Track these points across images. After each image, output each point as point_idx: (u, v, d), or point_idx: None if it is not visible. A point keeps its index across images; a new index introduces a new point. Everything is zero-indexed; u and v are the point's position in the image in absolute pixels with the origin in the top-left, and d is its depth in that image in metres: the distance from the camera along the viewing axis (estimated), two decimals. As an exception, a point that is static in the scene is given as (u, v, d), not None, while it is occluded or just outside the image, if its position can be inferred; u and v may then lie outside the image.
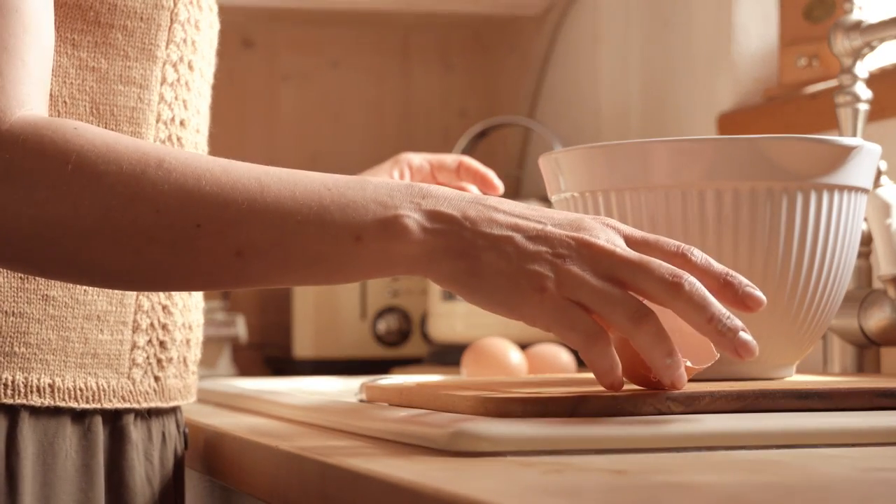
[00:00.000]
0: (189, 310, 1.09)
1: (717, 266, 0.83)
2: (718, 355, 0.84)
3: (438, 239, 0.83)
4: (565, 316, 0.82)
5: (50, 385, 0.99)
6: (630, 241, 0.84)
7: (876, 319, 1.22)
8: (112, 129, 0.99)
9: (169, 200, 0.83)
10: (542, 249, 0.83)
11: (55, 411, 1.00)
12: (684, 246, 0.83)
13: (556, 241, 0.83)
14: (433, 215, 0.83)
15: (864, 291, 1.24)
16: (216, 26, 1.15)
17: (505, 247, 0.83)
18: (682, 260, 0.82)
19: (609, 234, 0.83)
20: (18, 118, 0.85)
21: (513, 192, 2.36)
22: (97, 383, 1.02)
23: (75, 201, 0.83)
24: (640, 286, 0.81)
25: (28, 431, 0.99)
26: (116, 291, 1.02)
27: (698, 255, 0.83)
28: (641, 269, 0.81)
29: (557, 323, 0.82)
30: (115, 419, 1.04)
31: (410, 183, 0.85)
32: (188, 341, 1.10)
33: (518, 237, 0.83)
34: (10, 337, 0.98)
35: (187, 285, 0.88)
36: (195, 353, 1.12)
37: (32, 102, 0.87)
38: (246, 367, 2.31)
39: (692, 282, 0.80)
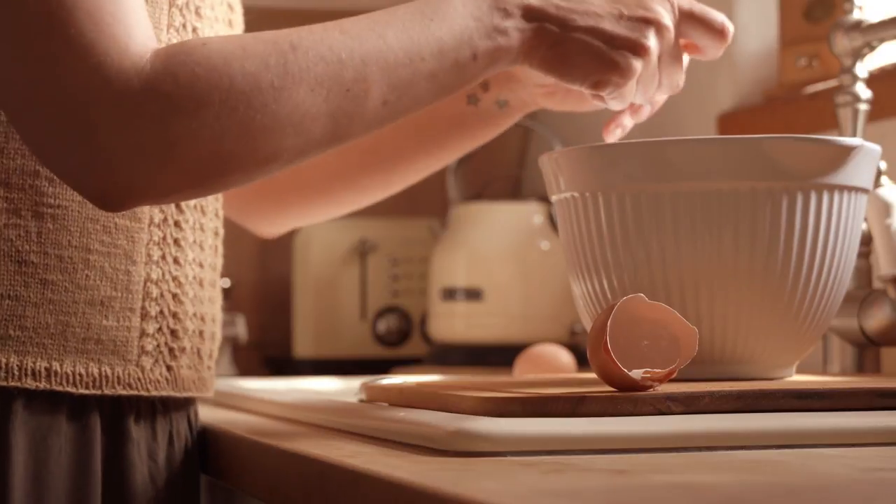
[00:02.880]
0: (201, 301, 1.09)
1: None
2: (689, 359, 0.85)
3: (535, 37, 0.95)
4: (626, 93, 0.99)
5: (46, 369, 0.99)
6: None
7: (876, 319, 1.22)
8: None
9: (317, 77, 0.89)
10: (626, 33, 0.96)
11: (49, 404, 1.00)
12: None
13: (637, 27, 0.97)
14: (527, 14, 0.95)
15: (864, 291, 1.24)
16: (238, 25, 1.15)
17: (589, 36, 0.96)
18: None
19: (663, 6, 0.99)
20: (152, 57, 0.88)
21: (513, 192, 2.36)
22: (100, 370, 1.01)
23: (242, 109, 0.88)
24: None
25: (20, 425, 0.98)
26: (120, 278, 1.02)
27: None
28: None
29: (616, 95, 0.99)
30: (113, 417, 1.04)
31: None
32: (201, 333, 1.09)
33: (604, 24, 0.96)
34: (5, 320, 0.98)
35: (347, 143, 0.95)
36: (209, 347, 1.11)
37: (152, 41, 0.90)
38: (246, 367, 2.31)
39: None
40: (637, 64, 0.97)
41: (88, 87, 0.86)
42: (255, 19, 1.32)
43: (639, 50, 0.97)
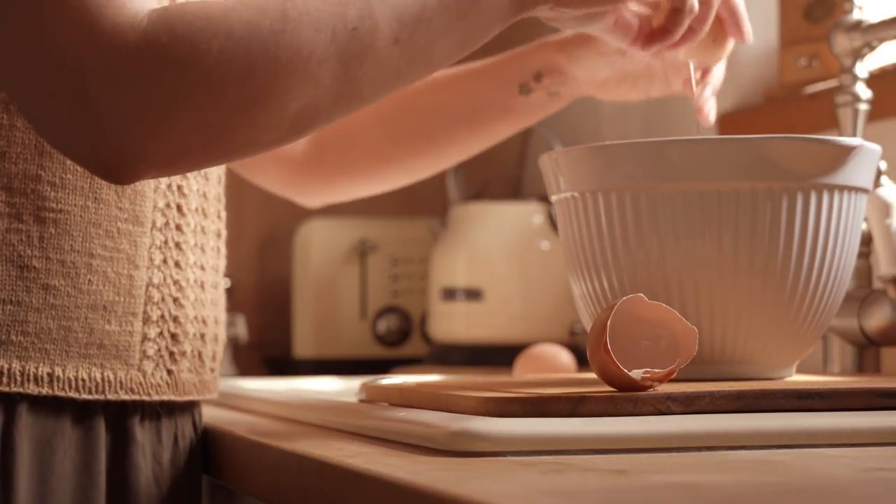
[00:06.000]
0: (203, 304, 1.09)
1: None
2: (689, 359, 0.85)
3: None
4: None
5: (49, 374, 0.98)
6: None
7: (876, 319, 1.22)
8: None
9: (319, 17, 0.86)
10: None
11: (54, 408, 1.00)
12: None
13: None
14: None
15: (864, 291, 1.24)
16: None
17: None
18: None
19: None
20: (149, 12, 0.85)
21: (513, 192, 2.36)
22: (102, 374, 1.01)
23: (241, 56, 0.85)
24: None
25: (24, 428, 0.98)
26: (123, 282, 1.01)
27: None
28: None
29: None
30: (118, 419, 1.04)
31: None
32: (202, 336, 1.09)
33: None
34: (7, 325, 0.97)
35: (363, 100, 0.90)
36: (211, 349, 1.11)
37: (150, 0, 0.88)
38: (246, 367, 2.31)
39: None
40: None
41: (83, 47, 0.84)
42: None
43: None
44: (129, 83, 0.84)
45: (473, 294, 2.00)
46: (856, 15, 1.27)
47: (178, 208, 1.06)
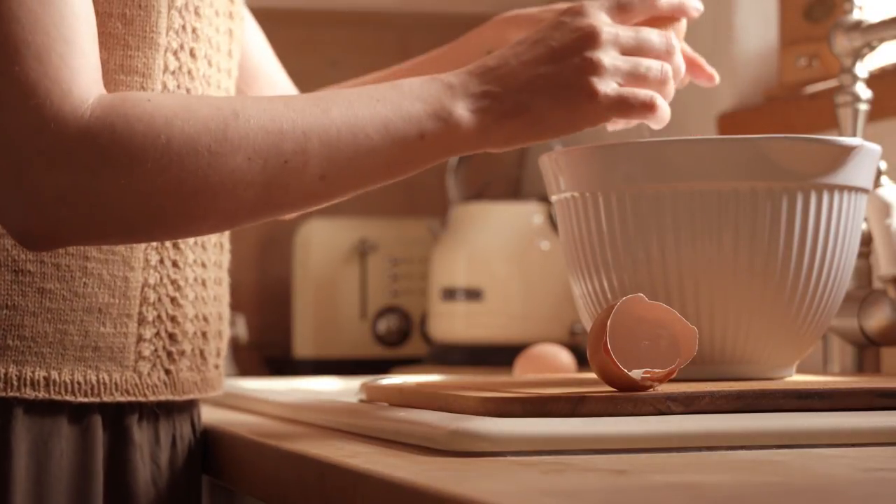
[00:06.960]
0: (204, 301, 1.09)
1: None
2: (689, 359, 0.85)
3: (487, 115, 0.92)
4: (624, 104, 0.93)
5: (45, 378, 0.98)
6: (611, 13, 0.97)
7: (876, 319, 1.22)
8: None
9: (256, 146, 0.89)
10: (570, 65, 0.93)
11: (51, 409, 1.00)
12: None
13: (572, 52, 0.93)
14: (474, 97, 0.93)
15: (864, 291, 1.24)
16: (239, 17, 1.13)
17: (542, 85, 0.93)
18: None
19: (597, 19, 0.95)
20: (94, 104, 0.87)
21: (513, 192, 2.36)
22: (97, 377, 1.01)
23: (175, 170, 0.87)
24: (645, 52, 0.97)
25: (21, 430, 0.98)
26: (118, 284, 1.01)
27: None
28: (640, 41, 0.96)
29: (621, 112, 0.94)
30: (115, 420, 1.04)
31: (431, 77, 0.94)
32: (204, 334, 1.09)
33: (543, 69, 0.93)
34: (3, 330, 0.97)
35: (280, 214, 0.94)
36: (215, 346, 1.11)
37: (98, 86, 0.89)
38: (246, 367, 2.31)
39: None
40: (599, 84, 0.93)
41: (24, 128, 0.86)
42: (257, 20, 1.31)
43: (588, 66, 0.93)
44: (63, 171, 0.87)
45: (473, 294, 2.00)
46: (856, 15, 1.27)
47: None
